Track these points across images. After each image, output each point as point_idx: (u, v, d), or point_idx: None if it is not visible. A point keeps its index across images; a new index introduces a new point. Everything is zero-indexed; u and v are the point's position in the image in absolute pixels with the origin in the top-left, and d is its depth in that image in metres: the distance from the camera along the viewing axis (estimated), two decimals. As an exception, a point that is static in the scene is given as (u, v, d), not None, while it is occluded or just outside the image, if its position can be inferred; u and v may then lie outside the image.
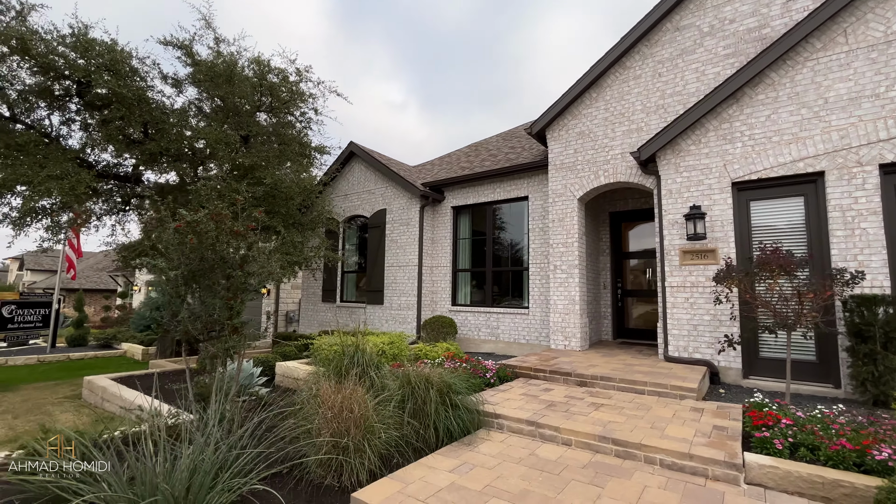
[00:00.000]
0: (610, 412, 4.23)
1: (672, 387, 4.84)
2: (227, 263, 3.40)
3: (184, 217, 3.26)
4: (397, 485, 2.96)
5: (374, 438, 3.29)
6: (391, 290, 10.26)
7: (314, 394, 3.60)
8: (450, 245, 10.01)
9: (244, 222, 3.56)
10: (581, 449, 3.63)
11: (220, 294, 3.42)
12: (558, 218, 7.98)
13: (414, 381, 3.97)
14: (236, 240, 3.41)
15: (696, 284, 6.33)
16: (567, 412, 4.22)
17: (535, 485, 2.97)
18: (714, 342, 6.09)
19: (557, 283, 7.86)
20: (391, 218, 10.51)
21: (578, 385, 5.41)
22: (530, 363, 6.09)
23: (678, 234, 6.55)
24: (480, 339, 9.18)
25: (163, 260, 3.21)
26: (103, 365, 10.75)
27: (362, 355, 4.57)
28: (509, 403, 4.53)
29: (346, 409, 3.32)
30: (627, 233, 9.36)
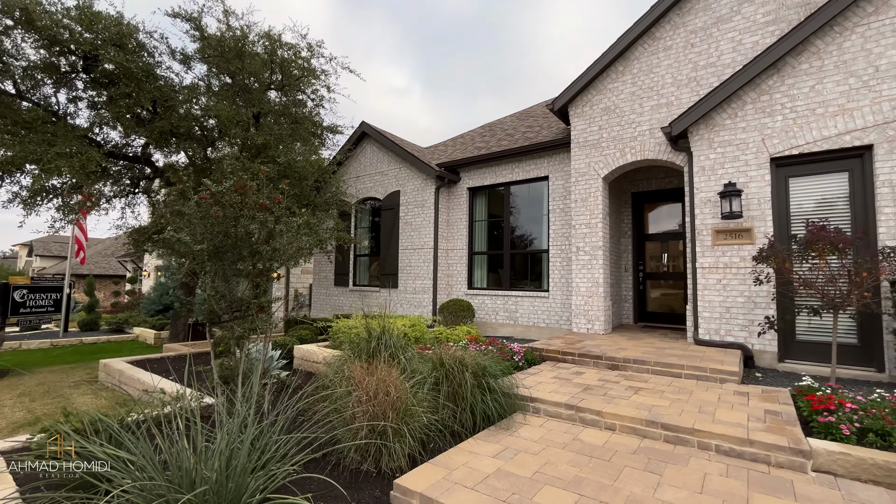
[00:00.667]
0: (651, 396, 4.04)
1: (712, 370, 4.64)
2: (252, 238, 3.19)
3: (208, 187, 3.04)
4: (441, 471, 2.79)
5: (412, 422, 3.12)
6: (405, 273, 10.07)
7: (346, 376, 3.42)
8: (465, 227, 9.76)
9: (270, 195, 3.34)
10: (627, 434, 3.45)
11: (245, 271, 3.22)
12: (581, 198, 7.70)
13: (448, 363, 3.78)
14: (262, 213, 3.20)
15: (729, 265, 6.07)
16: (606, 396, 4.03)
17: (587, 471, 2.79)
18: (748, 325, 5.86)
19: (580, 266, 7.63)
20: (405, 200, 10.26)
21: (610, 368, 5.22)
22: (556, 346, 5.90)
23: (710, 213, 6.27)
24: (498, 322, 9.00)
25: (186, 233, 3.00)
26: (116, 349, 10.71)
27: (390, 337, 4.39)
28: (543, 387, 4.35)
29: (382, 391, 3.14)
30: (649, 214, 9.07)
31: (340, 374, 3.85)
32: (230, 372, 3.92)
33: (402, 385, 3.29)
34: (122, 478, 2.09)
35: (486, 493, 2.50)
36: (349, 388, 3.29)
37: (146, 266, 24.60)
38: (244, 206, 3.15)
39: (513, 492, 2.51)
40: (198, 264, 3.09)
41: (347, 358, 4.29)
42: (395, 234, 10.36)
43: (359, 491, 2.75)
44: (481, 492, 2.51)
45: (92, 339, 11.48)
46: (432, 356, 3.99)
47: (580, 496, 2.47)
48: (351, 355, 4.36)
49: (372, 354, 4.23)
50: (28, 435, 3.38)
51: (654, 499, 2.45)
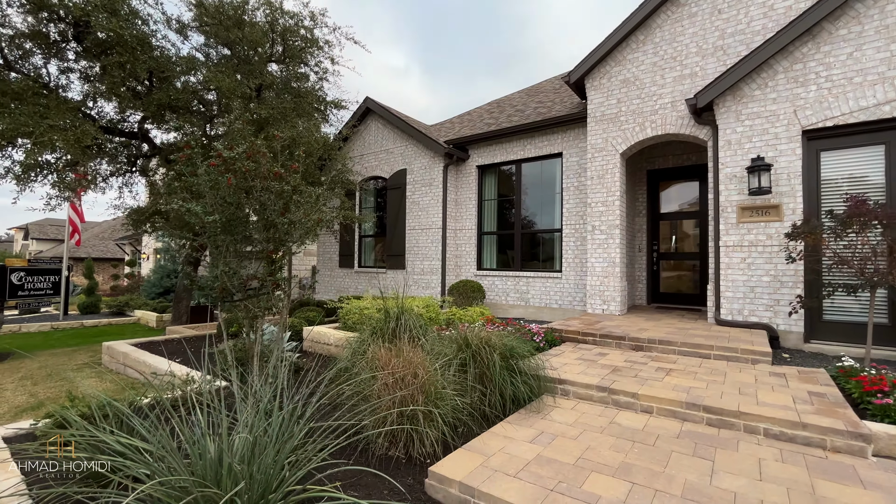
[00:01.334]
0: (684, 378, 3.86)
1: (743, 351, 4.46)
2: (267, 210, 2.94)
3: (219, 153, 2.77)
4: (477, 457, 2.60)
5: (442, 406, 2.93)
6: (413, 254, 9.84)
7: (369, 358, 3.22)
8: (475, 207, 9.49)
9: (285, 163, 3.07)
10: (666, 417, 3.28)
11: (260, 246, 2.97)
12: (598, 175, 7.43)
13: (474, 344, 3.58)
14: (278, 182, 2.93)
15: (754, 243, 5.85)
16: (637, 378, 3.85)
17: (633, 457, 2.61)
18: (773, 304, 5.68)
19: (596, 245, 7.40)
20: (412, 178, 9.95)
21: (634, 349, 5.05)
22: (575, 327, 5.72)
23: (736, 190, 6.02)
24: (508, 304, 8.82)
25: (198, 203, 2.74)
26: (118, 332, 10.53)
27: (409, 318, 4.18)
28: (569, 368, 4.17)
29: (410, 374, 2.94)
30: (664, 192, 8.80)
31: (360, 355, 3.66)
32: (243, 353, 3.71)
33: (430, 367, 3.09)
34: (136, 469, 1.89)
35: (531, 480, 2.32)
36: (374, 371, 3.08)
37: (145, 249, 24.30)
38: (257, 176, 2.88)
39: (559, 479, 2.33)
40: (209, 237, 2.84)
41: (365, 340, 4.10)
42: (401, 214, 10.08)
43: (390, 479, 2.57)
44: (525, 480, 2.33)
45: (93, 322, 11.29)
46: (456, 337, 3.79)
47: (632, 484, 2.29)
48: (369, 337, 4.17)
49: (391, 336, 4.03)
50: (32, 420, 3.19)
51: (713, 487, 2.27)
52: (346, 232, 10.80)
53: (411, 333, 4.01)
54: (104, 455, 2.21)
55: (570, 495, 2.18)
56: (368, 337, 4.11)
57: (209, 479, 1.69)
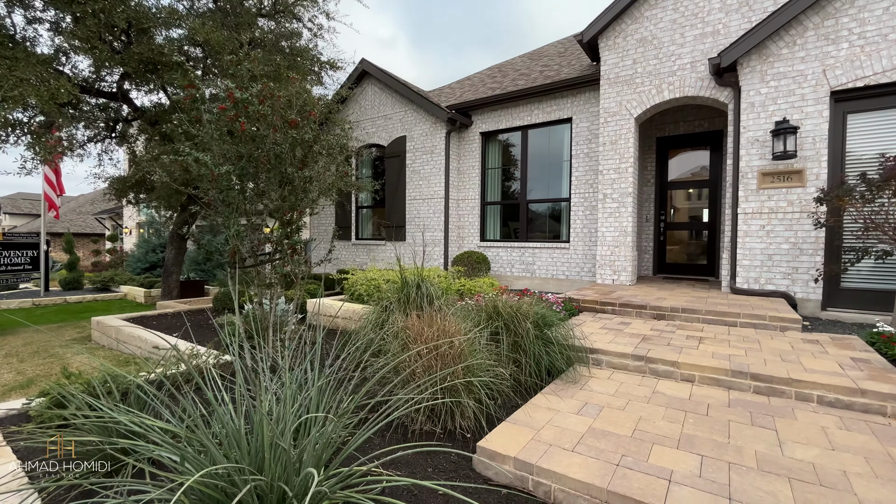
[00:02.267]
0: (718, 345, 3.72)
1: (772, 318, 4.34)
2: (284, 163, 2.59)
3: (230, 92, 2.40)
4: (525, 431, 2.41)
5: (483, 375, 2.71)
6: (414, 225, 9.52)
7: (398, 328, 2.96)
8: (478, 176, 9.15)
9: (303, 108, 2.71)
10: (709, 386, 3.13)
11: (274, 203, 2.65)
12: (610, 141, 7.13)
13: (506, 313, 3.35)
14: (297, 131, 2.57)
15: (775, 210, 5.69)
16: (670, 346, 3.69)
17: (692, 428, 2.45)
18: (791, 272, 5.58)
19: (607, 214, 7.18)
20: (412, 146, 9.52)
21: (655, 318, 4.90)
22: (592, 297, 5.55)
23: (758, 154, 5.81)
24: (514, 275, 8.63)
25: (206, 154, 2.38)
26: (105, 308, 10.09)
27: (429, 287, 3.93)
28: (597, 338, 3.99)
29: (446, 343, 2.70)
30: (672, 160, 8.57)
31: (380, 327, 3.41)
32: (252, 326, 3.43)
33: (466, 336, 2.85)
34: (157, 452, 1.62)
35: (592, 455, 2.13)
36: (404, 341, 2.84)
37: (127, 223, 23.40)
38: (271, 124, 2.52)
39: (621, 453, 2.15)
40: (221, 193, 2.50)
41: (384, 310, 3.84)
42: (401, 184, 9.69)
43: (430, 456, 2.36)
44: (585, 454, 2.14)
45: (76, 297, 10.79)
46: (484, 306, 3.56)
47: (701, 456, 2.12)
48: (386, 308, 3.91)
49: (413, 306, 3.78)
50: (24, 399, 2.89)
51: (787, 458, 2.11)
52: (343, 202, 10.37)
53: (434, 303, 3.77)
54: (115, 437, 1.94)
55: (640, 469, 2.00)
56: (393, 306, 3.85)
57: (253, 463, 1.43)
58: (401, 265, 4.19)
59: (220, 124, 2.46)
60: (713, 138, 7.90)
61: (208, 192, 2.54)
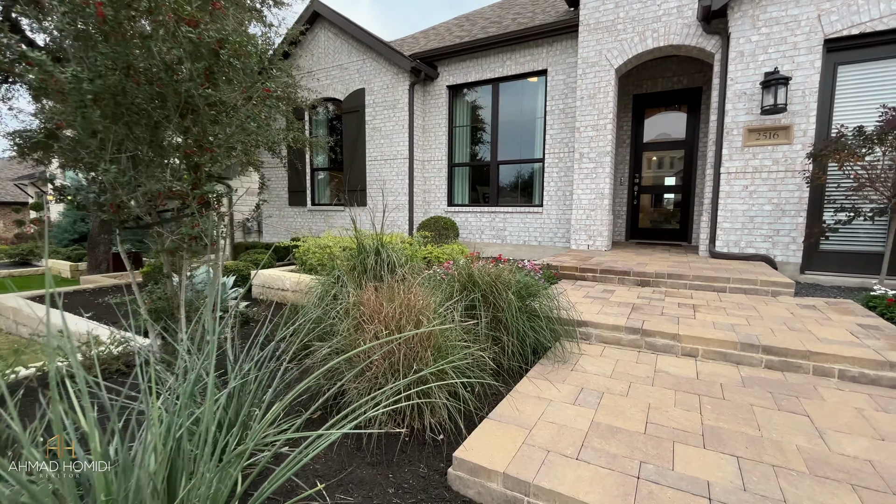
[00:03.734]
0: (715, 314, 3.35)
1: (762, 282, 4.04)
2: (178, 79, 1.84)
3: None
4: (514, 431, 1.89)
5: (458, 360, 2.15)
6: (375, 188, 8.72)
7: (350, 304, 2.34)
8: (445, 134, 8.40)
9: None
10: (715, 361, 2.73)
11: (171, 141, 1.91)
12: (589, 94, 6.57)
13: (483, 282, 2.79)
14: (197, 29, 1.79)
15: (759, 169, 5.39)
16: (664, 315, 3.29)
17: (711, 416, 2.02)
18: (772, 234, 5.35)
19: (583, 175, 6.71)
20: (371, 100, 8.58)
21: (640, 285, 4.53)
22: (570, 263, 5.11)
23: (745, 109, 5.43)
24: (484, 242, 8.12)
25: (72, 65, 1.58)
26: (23, 284, 8.81)
27: (391, 253, 3.30)
28: (583, 308, 3.54)
29: (411, 323, 2.11)
30: (648, 120, 8.15)
31: (332, 301, 2.77)
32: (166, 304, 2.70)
33: (435, 311, 2.27)
34: None
35: (603, 464, 1.64)
36: (357, 319, 2.23)
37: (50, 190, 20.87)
38: (157, 20, 1.73)
39: (640, 458, 1.68)
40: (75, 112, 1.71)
41: (338, 279, 3.19)
42: (360, 143, 8.80)
43: (394, 468, 1.81)
44: (595, 464, 1.65)
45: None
46: (457, 275, 2.98)
47: (736, 458, 1.68)
48: (338, 279, 3.26)
49: (369, 276, 3.15)
50: None
51: (836, 454, 1.71)
52: (297, 162, 9.36)
53: (396, 273, 3.15)
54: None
55: (668, 483, 1.53)
56: (344, 276, 3.20)
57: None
58: (356, 228, 3.51)
59: (77, 13, 1.64)
60: (692, 96, 7.51)
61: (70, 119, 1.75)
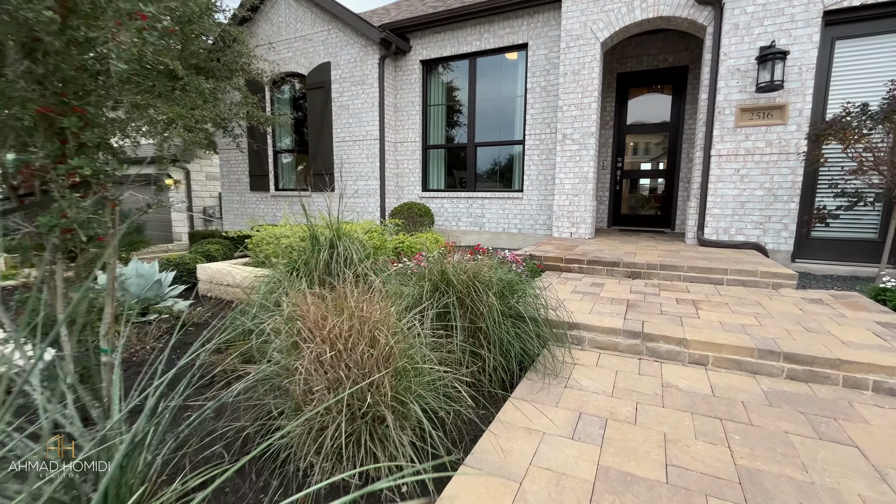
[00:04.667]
0: (719, 311, 2.99)
1: (763, 274, 3.71)
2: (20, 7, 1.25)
3: None
4: (499, 487, 1.43)
5: (422, 389, 1.67)
6: (344, 172, 8.08)
7: (290, 315, 1.81)
8: (418, 114, 7.80)
9: None
10: (728, 370, 2.35)
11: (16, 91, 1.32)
12: (573, 70, 6.09)
13: (459, 281, 2.30)
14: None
15: (751, 151, 5.07)
16: (663, 314, 2.90)
17: (744, 451, 1.61)
18: (763, 221, 5.07)
19: (566, 158, 6.28)
20: (338, 75, 7.87)
21: (630, 277, 4.15)
22: (554, 253, 4.69)
23: (738, 87, 5.07)
24: (461, 229, 7.63)
25: None
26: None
27: (350, 245, 2.77)
28: (572, 306, 3.11)
29: (365, 340, 1.61)
30: (632, 101, 7.77)
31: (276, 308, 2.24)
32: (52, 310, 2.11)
33: (395, 324, 1.78)
34: None
35: (620, 538, 1.20)
36: (297, 336, 1.71)
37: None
38: None
39: (667, 528, 1.25)
40: None
41: (281, 280, 2.64)
42: (326, 122, 8.10)
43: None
44: (609, 537, 1.21)
45: None
46: (427, 272, 2.48)
47: (790, 520, 1.28)
48: (286, 276, 2.71)
49: (323, 274, 2.62)
50: None
51: (912, 508, 1.33)
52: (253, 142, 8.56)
53: (356, 270, 2.64)
54: None
55: (713, 573, 1.10)
56: (287, 276, 2.66)
57: None
58: (308, 216, 2.97)
59: None
60: (678, 76, 7.15)
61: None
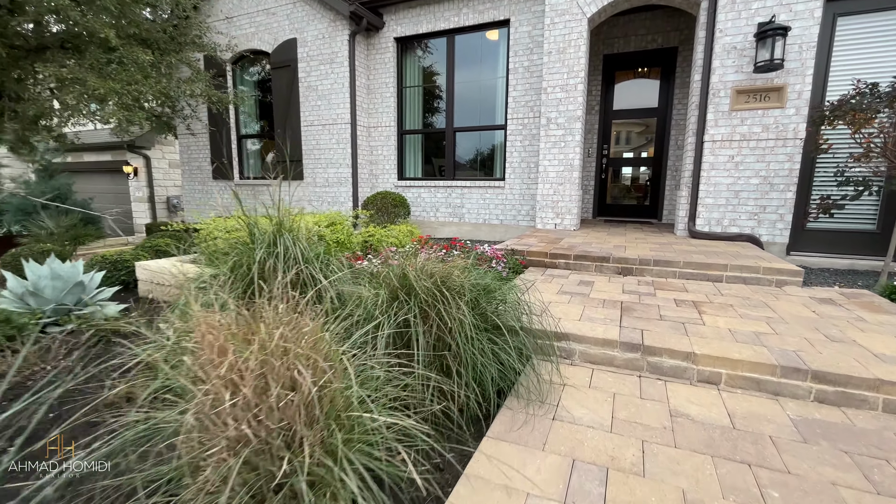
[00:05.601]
0: (724, 315, 2.62)
1: (765, 270, 3.38)
2: None
3: None
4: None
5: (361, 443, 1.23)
6: (313, 158, 7.49)
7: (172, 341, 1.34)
8: (393, 96, 7.25)
9: None
10: (746, 392, 1.98)
11: None
12: (558, 49, 5.64)
13: (421, 287, 1.85)
14: None
15: (747, 137, 4.74)
16: (663, 319, 2.52)
17: (787, 519, 1.22)
18: (759, 211, 4.77)
19: (551, 144, 5.85)
20: (305, 53, 7.24)
21: (621, 273, 3.77)
22: (537, 247, 4.28)
23: (734, 67, 4.71)
24: (439, 221, 7.17)
25: None
26: None
27: (293, 242, 2.29)
28: (560, 310, 2.70)
29: (283, 379, 1.15)
30: (618, 86, 7.37)
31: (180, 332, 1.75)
32: None
33: (331, 352, 1.32)
34: None
35: None
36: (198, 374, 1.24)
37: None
38: None
39: None
40: None
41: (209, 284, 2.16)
42: (293, 104, 7.47)
43: None
44: None
45: None
46: (386, 275, 2.02)
47: None
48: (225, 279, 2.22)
49: (259, 276, 2.14)
50: None
51: None
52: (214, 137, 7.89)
53: (301, 272, 2.16)
54: None
55: None
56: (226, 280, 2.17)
57: None
58: (242, 207, 2.47)
59: None
60: (667, 58, 6.78)
61: None
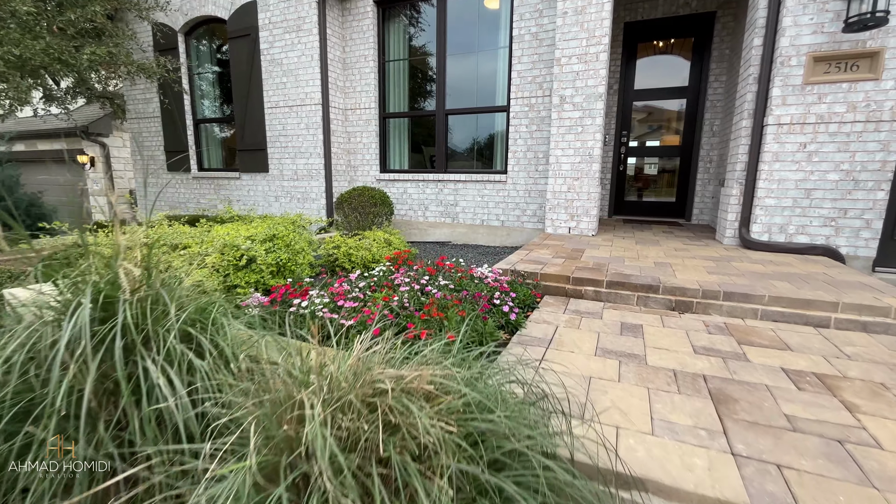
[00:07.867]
0: (891, 412, 1.56)
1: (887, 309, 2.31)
2: None
3: None
4: None
5: None
6: (279, 147, 6.33)
7: None
8: (374, 72, 6.06)
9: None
10: None
11: None
12: (574, 9, 4.49)
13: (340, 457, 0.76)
14: None
15: (825, 119, 3.64)
16: (795, 428, 1.45)
17: None
18: (838, 216, 3.70)
19: (564, 129, 4.73)
20: (267, 19, 6.02)
21: (675, 310, 2.69)
22: (553, 267, 3.20)
23: (811, 26, 3.59)
24: (428, 222, 6.06)
25: None
26: None
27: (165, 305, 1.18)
28: (602, 399, 1.62)
29: None
30: (640, 61, 6.23)
31: None
32: None
33: None
34: None
35: None
36: None
37: None
38: None
39: None
40: None
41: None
42: (255, 82, 6.28)
43: None
44: None
45: None
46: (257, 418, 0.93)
47: None
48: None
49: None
50: None
51: None
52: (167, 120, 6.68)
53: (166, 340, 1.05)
54: None
55: None
56: None
57: None
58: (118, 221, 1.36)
59: None
60: (701, 25, 5.64)
61: None
